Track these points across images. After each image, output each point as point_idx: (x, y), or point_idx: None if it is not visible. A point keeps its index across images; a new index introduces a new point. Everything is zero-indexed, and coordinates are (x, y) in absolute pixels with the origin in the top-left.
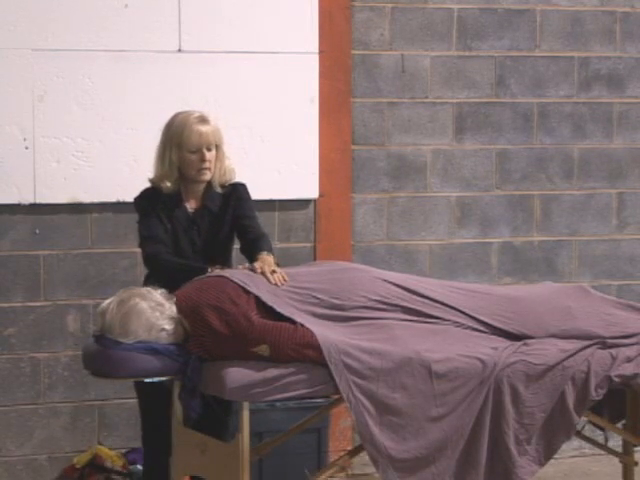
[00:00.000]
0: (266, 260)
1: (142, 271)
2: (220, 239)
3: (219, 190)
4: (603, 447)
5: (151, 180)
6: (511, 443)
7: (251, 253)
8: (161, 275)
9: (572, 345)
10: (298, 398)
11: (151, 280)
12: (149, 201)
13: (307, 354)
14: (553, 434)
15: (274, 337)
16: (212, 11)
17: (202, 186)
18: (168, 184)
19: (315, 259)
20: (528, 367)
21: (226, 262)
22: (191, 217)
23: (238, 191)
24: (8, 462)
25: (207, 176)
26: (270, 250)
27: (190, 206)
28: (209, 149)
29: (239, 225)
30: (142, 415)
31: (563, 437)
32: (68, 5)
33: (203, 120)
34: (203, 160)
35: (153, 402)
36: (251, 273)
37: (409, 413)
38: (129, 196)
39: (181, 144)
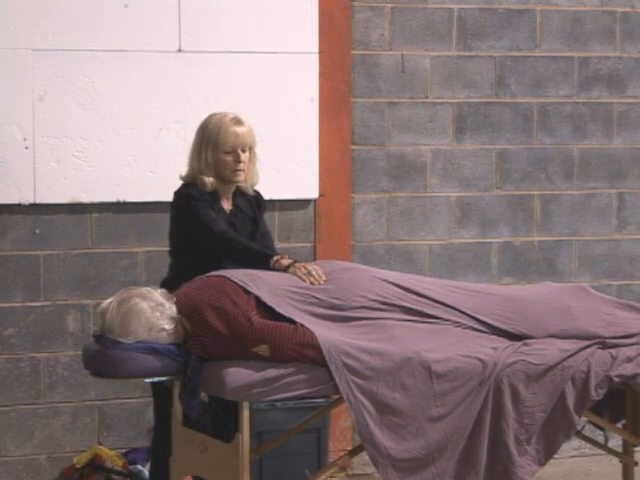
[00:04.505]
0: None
1: (142, 271)
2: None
3: (251, 192)
4: (603, 447)
5: (187, 177)
6: (511, 443)
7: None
8: (231, 255)
9: (572, 345)
10: (298, 398)
11: (170, 284)
12: (198, 192)
13: (307, 354)
14: (553, 434)
15: (274, 337)
16: (212, 11)
17: (234, 187)
18: (211, 179)
19: (315, 259)
20: (528, 367)
21: None
22: (228, 218)
23: (265, 204)
24: (8, 462)
25: (241, 177)
26: None
27: (225, 207)
28: (244, 150)
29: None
30: (156, 417)
31: (563, 437)
32: (68, 5)
33: (238, 121)
34: (238, 161)
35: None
36: (251, 272)
37: (409, 413)
38: (129, 196)
39: (217, 144)
